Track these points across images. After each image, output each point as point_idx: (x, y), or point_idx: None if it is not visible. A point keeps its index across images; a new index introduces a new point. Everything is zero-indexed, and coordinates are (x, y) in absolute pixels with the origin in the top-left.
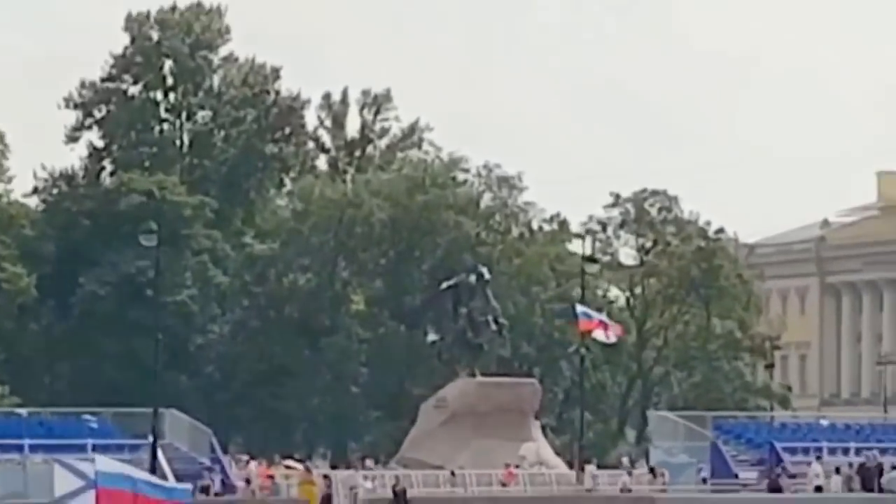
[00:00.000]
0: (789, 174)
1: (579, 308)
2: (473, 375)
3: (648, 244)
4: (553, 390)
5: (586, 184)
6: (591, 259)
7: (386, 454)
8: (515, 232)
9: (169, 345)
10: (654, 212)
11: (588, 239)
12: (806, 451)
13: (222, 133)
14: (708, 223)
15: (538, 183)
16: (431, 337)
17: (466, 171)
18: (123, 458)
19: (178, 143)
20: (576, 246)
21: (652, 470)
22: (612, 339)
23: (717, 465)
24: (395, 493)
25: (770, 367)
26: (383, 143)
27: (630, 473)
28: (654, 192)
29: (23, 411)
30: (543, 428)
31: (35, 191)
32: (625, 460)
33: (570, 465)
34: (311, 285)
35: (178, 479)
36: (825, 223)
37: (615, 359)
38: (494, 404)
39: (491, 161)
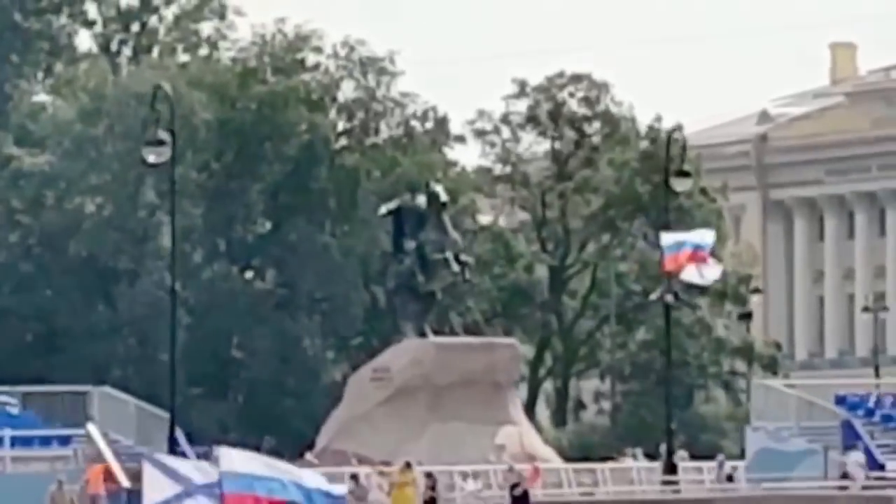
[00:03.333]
0: (722, 51)
1: (665, 238)
2: (424, 335)
3: (567, 150)
4: None
5: (476, 67)
6: (684, 173)
7: (213, 442)
8: (386, 133)
9: None
10: (573, 104)
11: (479, 143)
12: None
13: None
14: (658, 118)
15: (414, 65)
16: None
17: (319, 50)
18: (56, 455)
19: None
20: (458, 153)
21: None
22: (712, 278)
23: None
24: (513, 497)
25: (747, 316)
26: (170, 12)
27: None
28: (576, 78)
29: None
30: None
31: None
32: (682, 452)
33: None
34: (104, 213)
35: None
36: (764, 116)
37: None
38: (459, 374)
39: (352, 36)
